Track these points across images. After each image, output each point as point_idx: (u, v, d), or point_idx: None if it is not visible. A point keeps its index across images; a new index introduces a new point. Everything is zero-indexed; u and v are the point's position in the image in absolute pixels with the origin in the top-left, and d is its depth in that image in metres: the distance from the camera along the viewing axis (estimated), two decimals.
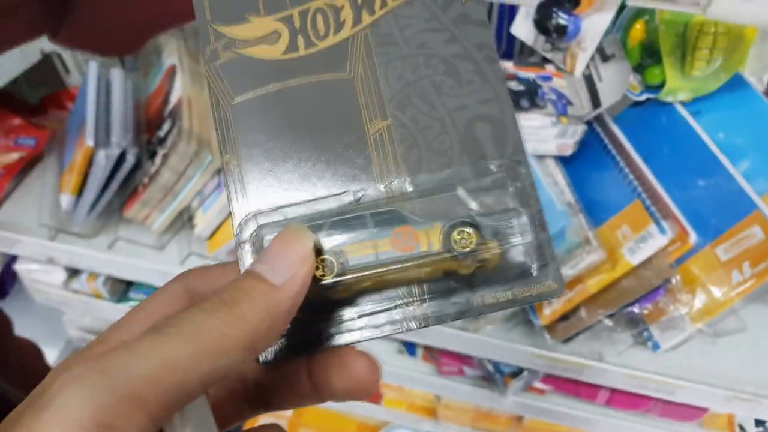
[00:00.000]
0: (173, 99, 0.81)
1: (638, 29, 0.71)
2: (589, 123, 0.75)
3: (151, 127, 0.82)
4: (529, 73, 0.73)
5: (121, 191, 0.80)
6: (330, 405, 1.03)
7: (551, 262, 0.27)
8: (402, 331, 0.26)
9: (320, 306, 0.25)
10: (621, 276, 0.66)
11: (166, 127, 0.79)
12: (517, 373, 0.78)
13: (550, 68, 0.74)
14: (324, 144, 0.27)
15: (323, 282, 0.25)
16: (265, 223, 0.26)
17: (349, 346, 0.26)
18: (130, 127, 0.80)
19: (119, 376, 0.18)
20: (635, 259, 0.64)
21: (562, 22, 0.71)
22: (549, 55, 0.76)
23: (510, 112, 0.28)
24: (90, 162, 0.75)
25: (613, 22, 0.72)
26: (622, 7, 0.72)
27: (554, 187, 0.68)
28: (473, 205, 0.26)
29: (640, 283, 0.65)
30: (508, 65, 0.73)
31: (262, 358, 0.25)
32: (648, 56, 0.73)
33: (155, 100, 0.84)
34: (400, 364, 0.86)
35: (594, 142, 0.74)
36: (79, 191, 0.78)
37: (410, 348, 0.84)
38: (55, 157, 0.87)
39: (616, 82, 0.73)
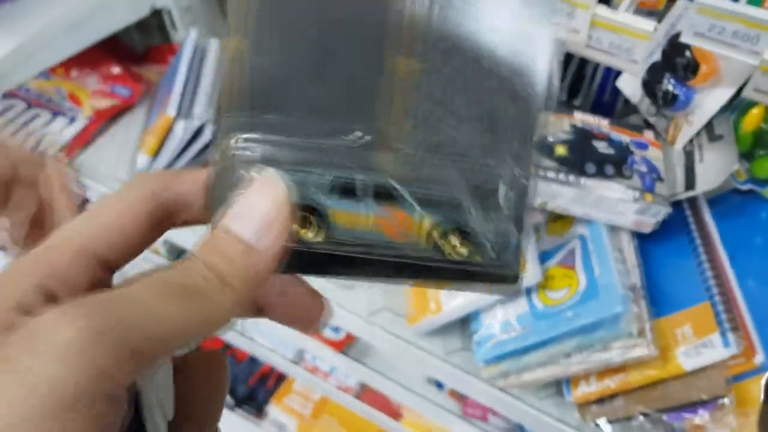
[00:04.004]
0: None
1: (755, 115, 0.65)
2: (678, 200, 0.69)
3: None
4: (624, 137, 0.67)
5: (195, 162, 0.82)
6: (354, 407, 1.04)
7: (519, 256, 0.25)
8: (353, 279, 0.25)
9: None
10: (669, 377, 0.61)
11: None
12: None
13: (648, 135, 0.69)
14: (342, 65, 0.23)
15: (302, 240, 0.23)
16: (250, 156, 0.23)
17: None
18: (215, 102, 0.81)
19: (129, 330, 0.18)
20: (689, 365, 0.59)
21: (672, 90, 0.65)
22: (652, 120, 0.70)
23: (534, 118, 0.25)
24: (169, 129, 0.77)
25: (730, 101, 0.65)
26: (743, 87, 0.65)
27: (621, 264, 0.63)
28: (472, 208, 0.24)
29: (687, 391, 0.60)
30: (603, 123, 0.68)
31: None
32: (760, 146, 0.66)
33: None
34: (426, 393, 0.84)
35: (679, 222, 0.68)
36: (156, 154, 0.80)
37: (439, 381, 0.82)
38: (143, 113, 0.90)
39: (718, 167, 0.66)
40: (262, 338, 1.01)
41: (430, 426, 0.92)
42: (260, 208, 0.22)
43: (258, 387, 1.21)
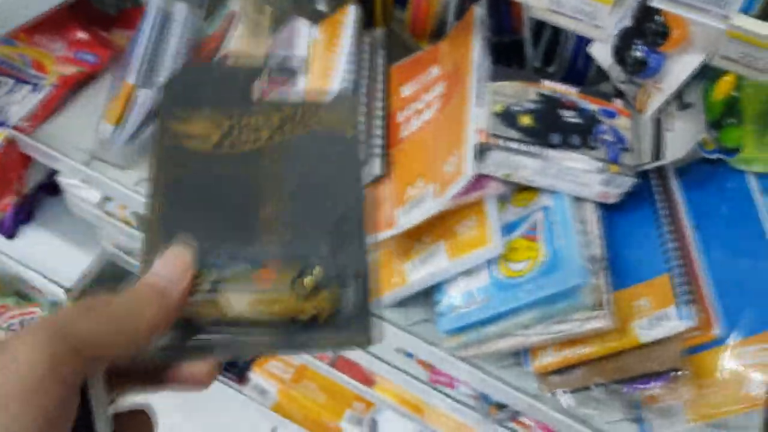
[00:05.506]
0: (226, 49, 0.79)
1: (726, 82, 0.63)
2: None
3: None
4: (592, 105, 0.66)
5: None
6: (330, 373, 1.05)
7: (367, 317, 0.35)
8: (240, 358, 0.38)
9: (194, 324, 0.34)
10: (626, 349, 0.61)
11: None
12: (503, 405, 0.76)
13: (618, 103, 0.67)
14: (228, 221, 0.38)
15: (197, 293, 0.34)
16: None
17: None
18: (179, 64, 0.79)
19: (71, 336, 0.26)
20: (645, 337, 0.59)
21: (641, 56, 0.63)
22: (622, 87, 0.69)
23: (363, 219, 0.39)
24: (130, 97, 0.76)
25: (702, 68, 0.64)
26: None
27: (583, 236, 0.62)
28: (320, 271, 0.36)
29: (643, 363, 0.60)
30: (572, 92, 0.66)
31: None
32: (730, 115, 0.65)
33: (210, 44, 0.83)
34: (396, 361, 0.85)
35: (645, 192, 0.67)
36: (118, 123, 0.78)
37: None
38: (109, 81, 0.88)
39: (687, 136, 0.65)
40: None
41: (403, 392, 0.93)
42: (171, 266, 0.33)
43: None
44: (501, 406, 0.75)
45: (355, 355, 0.86)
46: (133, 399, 0.34)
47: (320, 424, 1.17)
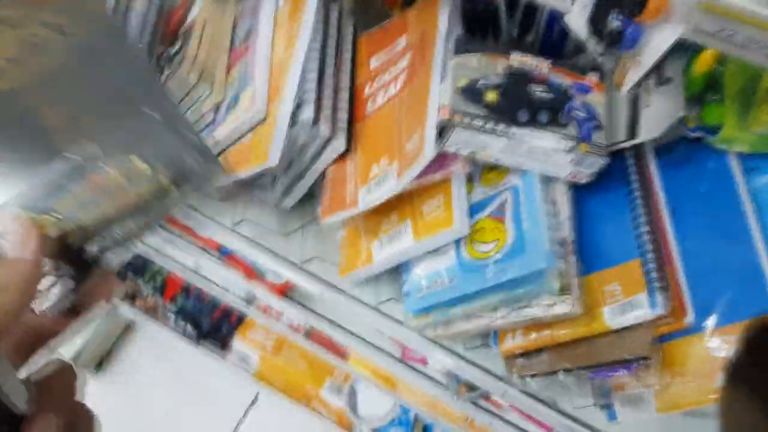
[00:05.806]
0: (190, 18, 0.76)
1: (708, 56, 0.59)
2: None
3: (166, 42, 0.78)
4: (566, 80, 0.62)
5: None
6: (306, 346, 1.05)
7: (201, 164, 0.40)
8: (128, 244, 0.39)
9: (71, 251, 0.38)
10: (595, 335, 0.59)
11: (177, 46, 0.75)
12: (472, 385, 0.75)
13: (592, 78, 0.63)
14: (30, 149, 0.39)
15: (51, 235, 0.36)
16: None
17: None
18: (147, 36, 0.76)
19: None
20: (615, 324, 0.57)
21: (617, 27, 0.59)
22: (600, 60, 0.65)
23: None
24: None
25: (682, 40, 0.60)
26: None
27: (552, 218, 0.60)
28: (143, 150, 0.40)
29: (612, 350, 0.58)
30: (543, 65, 0.63)
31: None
32: (712, 91, 0.61)
33: (177, 12, 0.79)
34: (369, 337, 0.83)
35: (620, 172, 0.64)
36: None
37: None
38: None
39: (664, 113, 0.61)
40: (215, 277, 1.00)
41: (376, 366, 0.93)
42: (12, 231, 0.35)
43: (222, 320, 1.22)
44: (470, 386, 0.74)
45: (326, 329, 0.84)
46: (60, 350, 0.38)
47: (301, 391, 1.18)
